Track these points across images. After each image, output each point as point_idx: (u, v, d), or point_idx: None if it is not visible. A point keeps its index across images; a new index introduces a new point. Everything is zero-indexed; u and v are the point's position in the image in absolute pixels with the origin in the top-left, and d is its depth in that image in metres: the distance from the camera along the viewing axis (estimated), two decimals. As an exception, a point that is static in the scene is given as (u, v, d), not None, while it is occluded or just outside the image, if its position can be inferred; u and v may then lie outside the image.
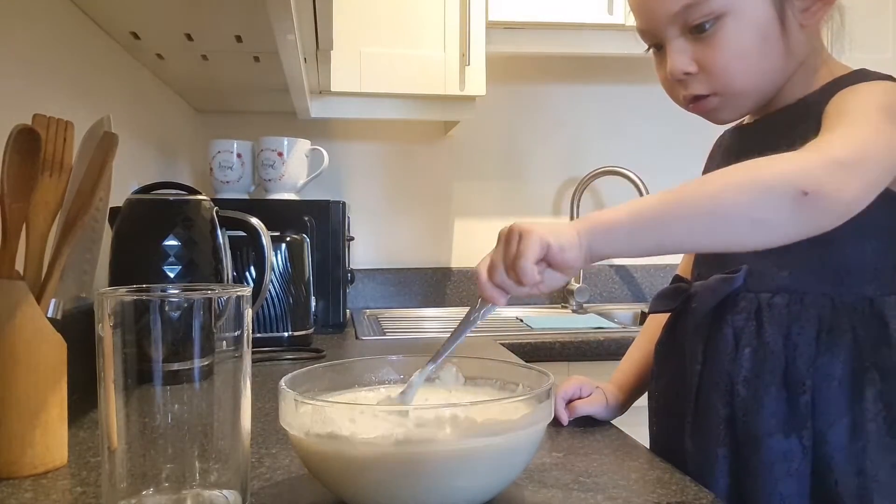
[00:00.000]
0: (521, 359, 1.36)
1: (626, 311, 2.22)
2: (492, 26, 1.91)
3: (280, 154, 1.81)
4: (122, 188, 1.20)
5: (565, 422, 0.89)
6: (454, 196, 2.31)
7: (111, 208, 1.02)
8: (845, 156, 0.65)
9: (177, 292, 0.60)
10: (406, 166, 2.28)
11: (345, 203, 1.76)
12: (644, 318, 1.69)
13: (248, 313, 0.60)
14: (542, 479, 0.71)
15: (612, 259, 0.65)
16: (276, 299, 1.45)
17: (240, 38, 1.27)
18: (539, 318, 2.01)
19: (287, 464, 0.75)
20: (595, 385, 0.94)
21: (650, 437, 0.91)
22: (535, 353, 1.63)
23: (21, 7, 0.95)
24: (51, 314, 0.75)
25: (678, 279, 0.94)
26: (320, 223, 1.70)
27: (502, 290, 0.64)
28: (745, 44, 0.78)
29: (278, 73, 1.37)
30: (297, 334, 1.47)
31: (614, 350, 1.64)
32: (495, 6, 1.90)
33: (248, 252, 1.35)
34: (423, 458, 0.58)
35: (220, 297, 0.58)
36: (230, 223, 1.17)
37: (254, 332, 0.98)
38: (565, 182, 2.33)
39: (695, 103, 0.84)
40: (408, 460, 0.58)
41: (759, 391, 0.76)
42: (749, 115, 0.88)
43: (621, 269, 2.34)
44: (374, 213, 2.26)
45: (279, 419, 0.63)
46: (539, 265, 0.62)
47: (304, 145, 1.86)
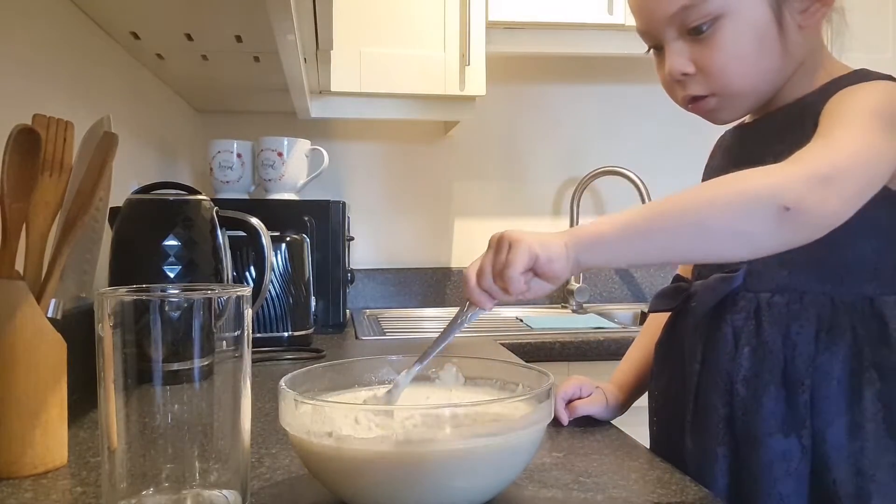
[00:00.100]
0: (521, 359, 1.36)
1: (626, 311, 2.22)
2: (492, 26, 1.91)
3: (280, 154, 1.81)
4: (122, 188, 1.20)
5: (565, 422, 0.89)
6: (454, 196, 2.31)
7: (111, 208, 1.02)
8: (828, 170, 0.65)
9: (177, 292, 0.60)
10: (406, 166, 2.28)
11: (345, 203, 1.76)
12: (644, 318, 1.70)
13: (248, 313, 0.60)
14: (542, 479, 0.71)
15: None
16: (276, 299, 1.45)
17: (240, 38, 1.27)
18: (539, 318, 2.01)
19: (287, 464, 0.75)
20: (595, 385, 0.94)
21: (650, 437, 0.91)
22: (535, 353, 1.63)
23: (21, 7, 0.95)
24: (51, 314, 0.75)
25: (678, 278, 0.95)
26: (320, 223, 1.70)
27: (489, 295, 0.65)
28: (742, 45, 0.78)
29: (278, 73, 1.37)
30: (297, 334, 1.47)
31: (614, 350, 1.64)
32: (495, 6, 1.90)
33: (248, 252, 1.35)
34: (423, 458, 0.58)
35: (220, 297, 0.58)
36: (230, 223, 1.17)
37: (254, 332, 0.98)
38: (565, 182, 2.33)
39: (693, 104, 0.84)
40: (408, 460, 0.58)
41: (758, 390, 0.77)
42: (749, 114, 0.88)
43: (621, 269, 2.34)
44: (374, 213, 2.25)
45: (279, 419, 0.63)
46: (526, 274, 0.64)
47: (304, 145, 1.86)
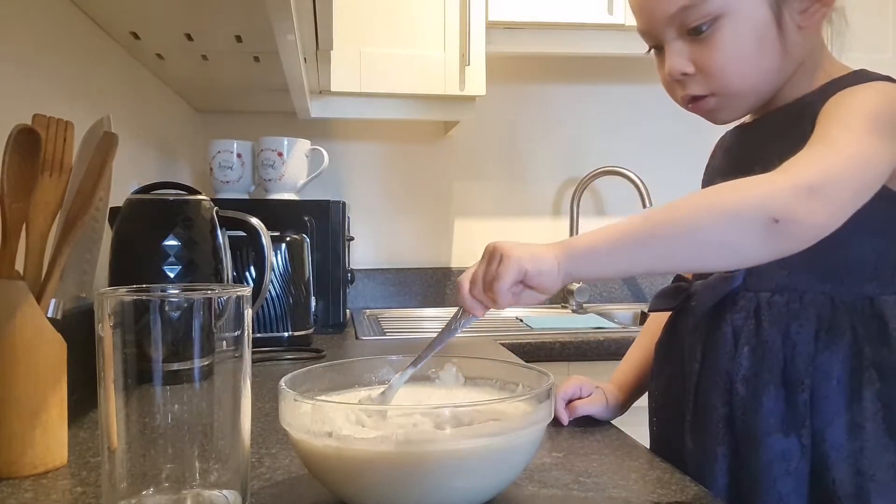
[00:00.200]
0: (521, 359, 1.37)
1: (626, 311, 2.22)
2: (492, 26, 1.91)
3: (280, 154, 1.81)
4: (122, 188, 1.20)
5: (565, 422, 0.89)
6: (454, 196, 2.31)
7: (111, 208, 1.02)
8: (817, 180, 0.65)
9: (177, 292, 0.60)
10: (406, 166, 2.28)
11: (345, 203, 1.76)
12: (644, 318, 1.70)
13: (248, 313, 0.60)
14: (542, 479, 0.71)
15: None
16: (276, 299, 1.45)
17: (240, 38, 1.27)
18: (539, 318, 2.01)
19: (287, 464, 0.75)
20: (595, 385, 0.94)
21: (650, 437, 0.91)
22: (535, 353, 1.63)
23: (21, 7, 0.95)
24: (51, 314, 0.75)
25: (678, 278, 0.95)
26: (320, 223, 1.70)
27: (481, 303, 0.67)
28: (741, 45, 0.78)
29: (278, 73, 1.37)
30: (297, 334, 1.47)
31: (614, 350, 1.64)
32: (495, 6, 1.90)
33: (248, 252, 1.35)
34: (423, 459, 0.58)
35: (220, 297, 0.58)
36: (230, 223, 1.17)
37: (254, 332, 0.98)
38: (565, 182, 2.33)
39: (693, 103, 0.84)
40: (408, 460, 0.58)
41: (757, 390, 0.77)
42: (749, 114, 0.88)
43: (621, 269, 2.34)
44: (374, 213, 2.25)
45: (279, 419, 0.63)
46: (516, 287, 0.65)
47: (304, 145, 1.86)
